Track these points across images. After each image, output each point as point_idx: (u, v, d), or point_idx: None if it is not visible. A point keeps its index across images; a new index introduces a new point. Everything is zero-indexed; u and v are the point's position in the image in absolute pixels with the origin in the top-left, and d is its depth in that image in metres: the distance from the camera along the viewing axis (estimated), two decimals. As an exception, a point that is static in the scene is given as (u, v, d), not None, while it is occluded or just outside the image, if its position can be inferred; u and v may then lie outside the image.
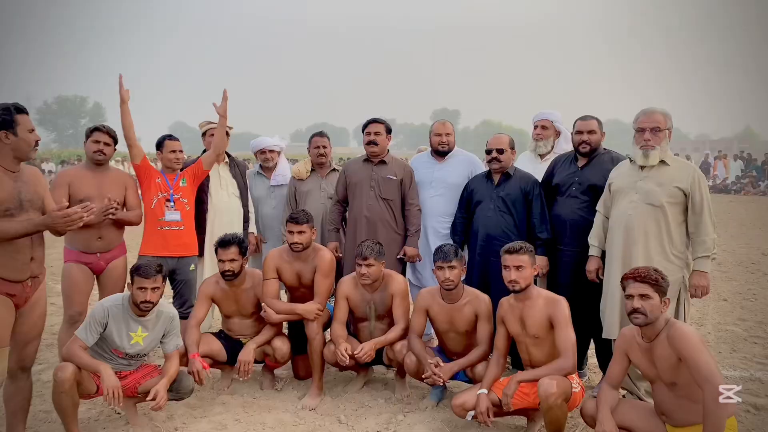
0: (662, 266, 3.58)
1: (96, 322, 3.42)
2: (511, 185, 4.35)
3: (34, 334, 3.23)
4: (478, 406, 3.39)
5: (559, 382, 3.15)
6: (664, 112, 3.79)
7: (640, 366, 3.08)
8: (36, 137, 3.06)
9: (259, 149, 5.34)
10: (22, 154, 3.00)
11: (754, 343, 5.31)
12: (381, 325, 4.14)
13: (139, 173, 4.49)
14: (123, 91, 4.33)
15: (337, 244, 4.72)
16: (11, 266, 2.99)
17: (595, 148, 4.22)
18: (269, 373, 4.35)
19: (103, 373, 3.30)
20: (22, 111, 3.02)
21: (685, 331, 2.88)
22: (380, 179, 4.62)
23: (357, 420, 3.78)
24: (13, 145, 2.96)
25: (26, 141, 2.99)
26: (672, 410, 2.94)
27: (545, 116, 4.94)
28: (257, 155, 5.39)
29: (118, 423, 3.73)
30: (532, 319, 3.43)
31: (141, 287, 3.43)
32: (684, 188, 3.67)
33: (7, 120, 2.94)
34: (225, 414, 3.84)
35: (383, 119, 4.82)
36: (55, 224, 2.97)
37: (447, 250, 3.75)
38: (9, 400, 3.23)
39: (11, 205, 2.95)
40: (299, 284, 4.21)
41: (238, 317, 4.26)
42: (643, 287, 2.93)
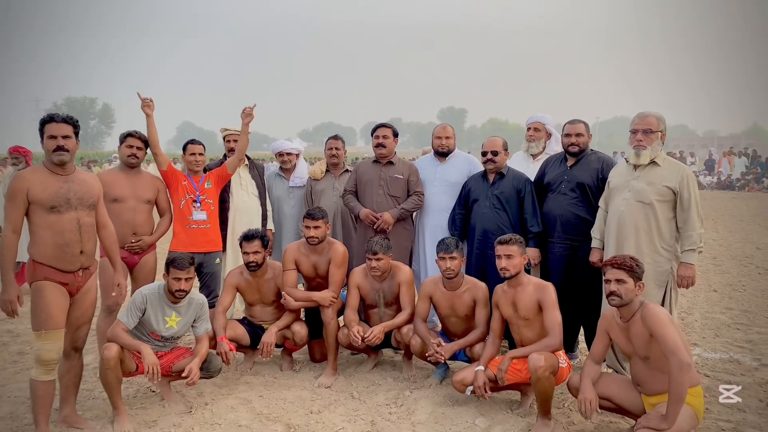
0: (652, 258, 3.99)
1: (136, 307, 3.86)
2: (504, 184, 4.75)
3: (85, 319, 3.68)
4: (476, 381, 3.80)
5: (546, 356, 3.56)
6: (657, 115, 4.13)
7: (619, 343, 3.48)
8: (57, 143, 3.39)
9: (278, 152, 5.76)
10: (48, 157, 3.43)
11: (737, 329, 5.69)
12: (389, 311, 4.56)
13: (166, 178, 4.91)
14: (144, 107, 4.71)
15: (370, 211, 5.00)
16: (63, 258, 3.43)
17: (583, 149, 4.61)
18: (288, 356, 4.78)
19: (143, 352, 3.74)
20: (50, 120, 3.43)
21: (656, 311, 3.28)
22: (388, 178, 5.05)
23: (368, 395, 4.20)
24: (44, 150, 3.41)
25: (46, 146, 3.41)
26: (645, 381, 3.35)
27: (537, 119, 5.35)
28: (277, 157, 5.82)
29: (154, 399, 4.16)
30: (523, 303, 3.83)
31: (176, 277, 3.86)
32: (673, 187, 4.01)
33: (39, 129, 3.41)
34: (249, 391, 4.27)
35: (390, 124, 5.25)
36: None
37: (448, 243, 4.17)
38: (63, 375, 3.67)
39: (57, 203, 3.37)
40: (315, 275, 4.64)
41: (260, 305, 4.70)
42: (619, 273, 3.33)
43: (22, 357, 5.06)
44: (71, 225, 3.41)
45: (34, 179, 3.34)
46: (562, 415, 3.86)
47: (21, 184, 3.30)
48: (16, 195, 3.30)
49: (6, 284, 3.28)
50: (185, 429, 3.69)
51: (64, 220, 3.39)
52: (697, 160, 31.68)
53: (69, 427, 3.67)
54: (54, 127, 3.41)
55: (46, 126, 3.43)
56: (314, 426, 3.72)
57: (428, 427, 3.72)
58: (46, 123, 3.43)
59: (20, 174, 3.37)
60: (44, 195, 3.32)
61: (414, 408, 3.98)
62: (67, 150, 3.41)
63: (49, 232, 3.35)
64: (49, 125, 3.42)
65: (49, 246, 3.36)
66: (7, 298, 3.28)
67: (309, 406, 4.00)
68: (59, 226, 3.37)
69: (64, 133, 3.43)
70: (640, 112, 4.15)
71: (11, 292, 3.29)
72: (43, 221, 3.34)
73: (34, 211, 3.33)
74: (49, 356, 3.39)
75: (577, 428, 3.69)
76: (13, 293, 3.30)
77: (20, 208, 3.31)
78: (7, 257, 3.29)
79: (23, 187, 3.30)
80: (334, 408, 4.00)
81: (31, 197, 3.30)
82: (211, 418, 3.84)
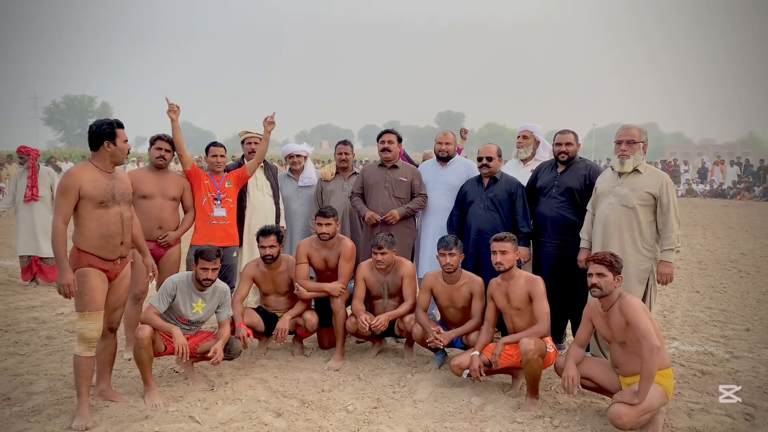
0: (633, 257, 4.42)
1: (167, 293, 4.28)
2: (498, 187, 5.17)
3: (120, 302, 4.09)
4: (472, 364, 4.22)
5: (536, 341, 3.99)
6: (639, 128, 4.56)
7: (600, 329, 3.90)
8: (128, 147, 3.91)
9: (288, 154, 6.19)
10: (118, 160, 3.85)
11: (714, 326, 6.14)
12: (392, 302, 4.99)
13: (190, 177, 5.31)
14: (170, 112, 5.11)
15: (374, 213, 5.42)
16: (106, 248, 3.83)
17: (572, 157, 5.04)
18: (299, 342, 5.21)
19: (174, 333, 4.16)
20: (121, 126, 3.86)
21: (632, 301, 3.71)
22: (393, 181, 5.49)
23: (373, 377, 4.63)
24: (112, 152, 3.82)
25: (122, 150, 3.84)
26: (622, 363, 3.78)
27: (526, 128, 5.82)
28: (286, 159, 6.24)
29: (178, 378, 4.58)
30: (515, 294, 4.26)
31: (204, 267, 4.28)
32: (653, 193, 4.43)
33: (110, 132, 3.80)
34: (265, 372, 4.69)
35: (395, 130, 5.70)
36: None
37: (448, 240, 4.59)
38: (99, 353, 4.06)
39: (105, 199, 3.78)
40: (326, 268, 5.06)
41: (274, 295, 5.12)
42: (600, 267, 3.76)
43: (51, 341, 5.46)
44: (116, 218, 3.82)
45: (85, 176, 3.72)
46: (548, 396, 4.28)
47: (74, 181, 3.68)
48: (69, 190, 3.66)
49: (63, 270, 3.66)
50: (210, 403, 4.10)
51: (110, 214, 3.79)
52: (690, 168, 32.24)
53: (105, 399, 4.06)
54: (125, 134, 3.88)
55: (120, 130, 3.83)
56: (326, 402, 4.14)
57: (428, 404, 4.14)
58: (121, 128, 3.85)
59: (72, 171, 3.75)
60: (95, 191, 3.72)
61: (415, 388, 4.40)
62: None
63: (96, 225, 3.75)
64: (122, 130, 3.85)
65: (95, 237, 3.76)
66: (66, 282, 3.66)
67: (320, 386, 4.42)
68: (105, 219, 3.78)
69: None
70: (624, 125, 4.58)
71: (68, 276, 3.66)
72: (91, 215, 3.73)
73: (84, 205, 3.71)
74: (92, 335, 3.79)
75: (561, 407, 4.11)
76: (70, 277, 3.67)
77: (72, 203, 3.68)
78: (61, 246, 3.66)
79: (76, 183, 3.68)
80: (342, 387, 4.42)
81: (82, 193, 3.68)
82: (233, 394, 4.25)
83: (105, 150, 3.80)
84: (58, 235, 3.66)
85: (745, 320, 6.35)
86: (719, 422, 3.86)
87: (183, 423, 3.79)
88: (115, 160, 3.85)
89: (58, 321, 6.12)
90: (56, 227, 3.67)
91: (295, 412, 3.97)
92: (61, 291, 3.67)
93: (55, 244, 3.66)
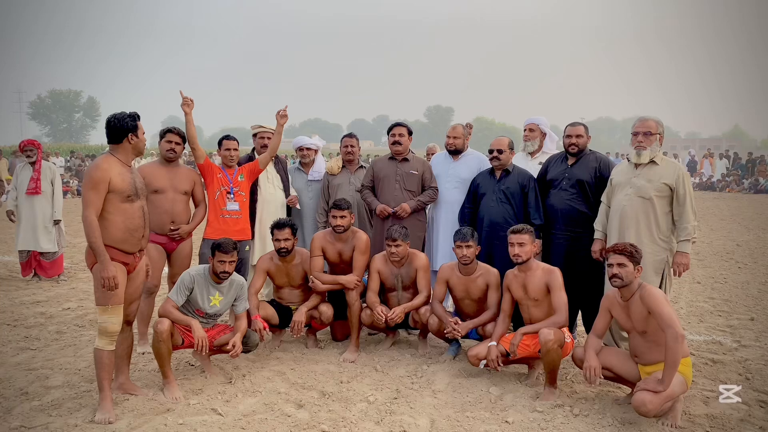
0: (650, 248, 4.44)
1: (184, 286, 4.27)
2: (510, 180, 5.20)
3: (137, 295, 4.08)
4: (489, 355, 4.26)
5: (555, 332, 4.02)
6: (656, 119, 4.59)
7: (620, 319, 3.95)
8: (146, 139, 3.90)
9: (298, 147, 6.19)
10: (139, 152, 3.84)
11: (719, 316, 6.22)
12: (406, 294, 5.01)
13: (203, 171, 5.29)
14: (183, 105, 5.10)
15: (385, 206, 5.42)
16: (129, 242, 3.81)
17: (582, 149, 5.07)
18: (313, 335, 5.22)
19: (193, 326, 4.16)
20: (139, 118, 3.85)
21: (653, 291, 3.76)
22: (404, 174, 5.50)
23: (390, 369, 4.65)
24: (135, 144, 3.80)
25: (143, 142, 3.84)
26: (642, 352, 3.82)
27: (532, 121, 5.84)
28: (297, 152, 6.23)
29: (195, 372, 4.57)
30: (533, 285, 4.30)
31: (221, 260, 4.27)
32: (670, 184, 4.45)
33: (132, 126, 3.78)
34: (281, 365, 4.70)
35: (405, 123, 5.70)
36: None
37: (465, 233, 4.62)
38: (117, 346, 4.00)
39: (131, 192, 3.76)
40: (340, 261, 5.07)
41: (288, 288, 5.13)
42: (621, 258, 3.79)
43: (62, 335, 5.44)
44: (139, 212, 3.81)
45: (113, 170, 3.68)
46: (565, 385, 4.32)
47: (104, 174, 3.64)
48: (100, 183, 3.63)
49: (105, 263, 3.62)
50: (230, 395, 4.11)
51: (134, 208, 3.77)
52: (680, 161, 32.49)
53: (125, 393, 4.05)
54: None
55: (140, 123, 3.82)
56: (346, 393, 4.16)
57: (447, 394, 4.17)
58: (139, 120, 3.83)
59: (100, 165, 3.68)
60: (123, 185, 3.70)
61: (433, 379, 4.43)
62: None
63: (122, 218, 3.72)
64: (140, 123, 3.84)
65: (120, 230, 3.73)
66: (110, 275, 3.62)
67: (338, 377, 4.44)
68: (131, 212, 3.76)
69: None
70: (641, 117, 4.61)
71: (111, 269, 3.62)
72: (117, 208, 3.70)
73: (111, 199, 3.67)
74: (114, 328, 3.78)
75: (579, 396, 4.15)
76: (113, 270, 3.63)
77: (103, 195, 3.64)
78: (100, 239, 3.61)
79: (106, 176, 3.64)
80: (361, 379, 4.44)
81: (112, 186, 3.66)
82: (252, 386, 4.26)
83: (128, 143, 3.79)
84: (94, 229, 3.61)
85: (748, 310, 6.43)
86: (735, 409, 3.92)
87: (206, 416, 3.79)
88: (137, 153, 3.85)
89: (66, 316, 6.09)
90: (90, 221, 3.61)
91: (316, 403, 3.99)
92: (105, 284, 3.63)
93: (92, 237, 3.61)
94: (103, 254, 3.62)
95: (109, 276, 3.62)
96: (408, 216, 5.38)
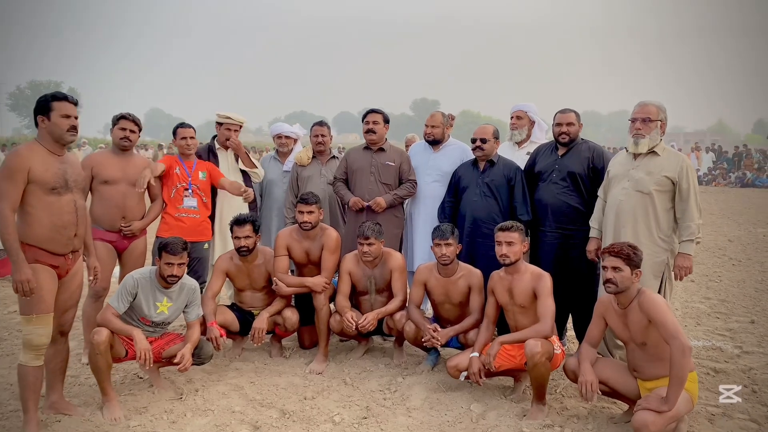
0: (649, 248, 3.96)
1: (127, 292, 3.77)
2: (495, 172, 4.74)
3: (72, 302, 3.58)
4: (471, 367, 3.81)
5: (543, 343, 3.58)
6: (657, 104, 4.10)
7: (616, 329, 3.51)
8: (71, 123, 3.30)
9: (276, 134, 5.70)
10: (57, 138, 3.30)
11: (717, 318, 5.83)
12: (380, 298, 4.55)
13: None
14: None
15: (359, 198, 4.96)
16: (57, 241, 3.32)
17: (573, 139, 4.62)
18: (277, 342, 4.73)
19: (135, 337, 3.66)
20: (61, 99, 3.30)
21: (653, 297, 3.32)
22: (380, 165, 5.01)
23: (361, 382, 4.18)
24: (49, 128, 3.27)
25: (59, 126, 3.27)
26: (642, 366, 3.39)
27: (519, 107, 5.37)
28: (275, 139, 5.74)
29: (143, 386, 4.09)
30: (519, 291, 3.85)
31: (168, 263, 3.78)
32: (672, 177, 3.98)
33: (43, 106, 3.27)
34: (240, 378, 4.22)
35: (381, 110, 5.20)
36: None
37: (444, 229, 4.16)
38: (50, 360, 3.55)
39: (57, 184, 3.26)
40: (307, 261, 4.59)
41: (250, 290, 4.64)
42: (616, 261, 3.34)
43: (1, 342, 4.92)
44: (69, 207, 3.31)
45: (35, 158, 3.19)
46: (555, 400, 3.89)
47: (22, 162, 3.15)
48: (17, 173, 3.13)
49: (19, 263, 3.14)
50: (178, 415, 3.63)
51: (62, 202, 3.28)
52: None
53: (57, 413, 3.57)
54: (67, 106, 3.30)
55: (55, 104, 3.28)
56: (309, 412, 3.69)
57: (424, 412, 3.72)
58: (56, 101, 3.28)
59: (20, 152, 3.20)
60: (47, 175, 3.21)
61: (408, 394, 3.98)
62: (77, 131, 3.35)
63: (47, 214, 3.24)
64: (60, 103, 3.28)
65: (46, 228, 3.24)
66: (24, 278, 3.13)
67: (302, 392, 3.97)
68: (58, 207, 3.27)
69: (76, 113, 3.35)
70: (641, 101, 4.14)
71: (25, 271, 3.14)
72: (41, 202, 3.22)
73: (33, 191, 3.18)
74: (41, 341, 3.29)
75: (570, 413, 3.72)
76: (29, 272, 3.15)
77: (20, 187, 3.15)
78: (14, 236, 3.14)
79: (25, 165, 3.15)
80: (327, 394, 3.97)
81: (32, 177, 3.16)
82: (203, 404, 3.78)
83: (41, 126, 3.28)
84: (8, 224, 3.12)
85: (747, 311, 6.05)
86: (744, 428, 3.52)
87: (146, 441, 3.31)
88: (55, 138, 3.31)
89: (10, 320, 5.55)
90: (4, 216, 3.12)
91: (274, 424, 3.52)
92: (19, 289, 3.15)
93: (6, 234, 3.13)
94: (17, 254, 3.14)
95: (23, 279, 3.13)
96: (383, 211, 4.91)
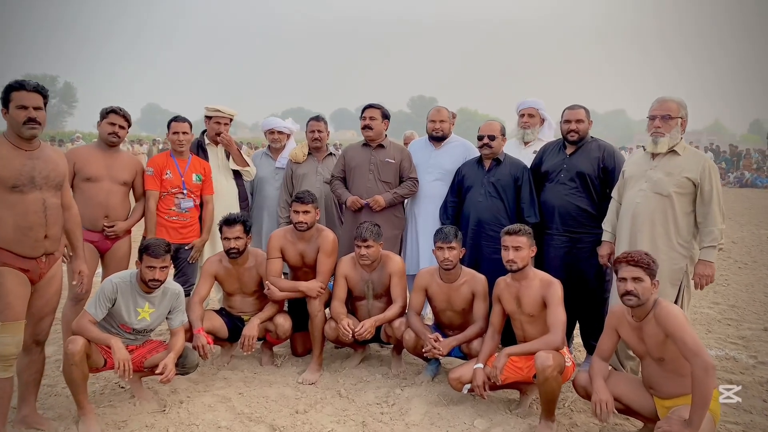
0: (667, 255, 3.73)
1: (105, 297, 3.50)
2: (501, 171, 4.49)
3: (48, 309, 3.32)
4: (475, 379, 3.55)
5: (554, 355, 3.33)
6: (678, 101, 3.83)
7: (630, 343, 3.26)
8: (28, 114, 3.01)
9: (268, 129, 5.41)
10: (15, 129, 3.04)
11: (728, 325, 5.59)
12: (378, 304, 4.29)
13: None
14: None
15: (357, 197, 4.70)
16: (25, 243, 3.06)
17: (582, 137, 4.36)
18: (269, 349, 4.48)
19: (113, 346, 3.39)
20: (19, 88, 3.02)
21: (671, 310, 3.07)
22: (379, 163, 4.74)
23: (357, 393, 3.93)
24: (9, 121, 3.01)
25: (14, 117, 3.01)
26: (660, 383, 3.14)
27: (531, 104, 5.11)
28: (266, 135, 5.46)
29: (124, 396, 3.82)
30: (528, 298, 3.60)
31: (150, 266, 3.51)
32: (693, 178, 3.72)
33: (4, 97, 3.02)
34: (228, 388, 3.96)
35: (379, 105, 4.92)
36: None
37: (447, 232, 3.90)
38: (23, 371, 3.30)
39: (20, 182, 3.00)
40: (302, 264, 4.33)
41: (240, 295, 4.38)
42: (636, 271, 3.08)
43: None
44: (36, 206, 3.05)
45: None
46: (563, 415, 3.65)
47: None
48: None
49: None
50: (159, 430, 3.37)
51: (27, 201, 3.02)
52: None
53: (28, 428, 3.31)
54: (24, 96, 3.01)
55: (13, 93, 3.02)
56: (301, 427, 3.44)
57: (424, 428, 3.47)
58: (14, 90, 3.02)
59: None
60: (5, 172, 2.95)
61: (407, 407, 3.72)
62: (39, 123, 3.03)
63: (10, 214, 2.98)
64: (17, 93, 3.01)
65: (10, 229, 2.99)
66: None
67: (294, 405, 3.71)
68: (22, 207, 3.00)
69: (35, 103, 3.04)
70: (659, 97, 3.87)
71: None
72: (2, 201, 2.96)
73: None
74: (8, 350, 3.03)
75: (580, 430, 3.49)
76: None
77: None
78: None
79: None
80: (320, 407, 3.71)
81: None
82: (188, 418, 3.52)
83: (5, 119, 3.02)
84: None
85: (758, 318, 5.83)
86: (768, 449, 3.27)
87: (123, 460, 3.05)
88: (15, 132, 3.03)
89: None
90: None
91: (263, 442, 3.26)
92: None
93: None
94: None
95: None
96: (382, 211, 4.65)
